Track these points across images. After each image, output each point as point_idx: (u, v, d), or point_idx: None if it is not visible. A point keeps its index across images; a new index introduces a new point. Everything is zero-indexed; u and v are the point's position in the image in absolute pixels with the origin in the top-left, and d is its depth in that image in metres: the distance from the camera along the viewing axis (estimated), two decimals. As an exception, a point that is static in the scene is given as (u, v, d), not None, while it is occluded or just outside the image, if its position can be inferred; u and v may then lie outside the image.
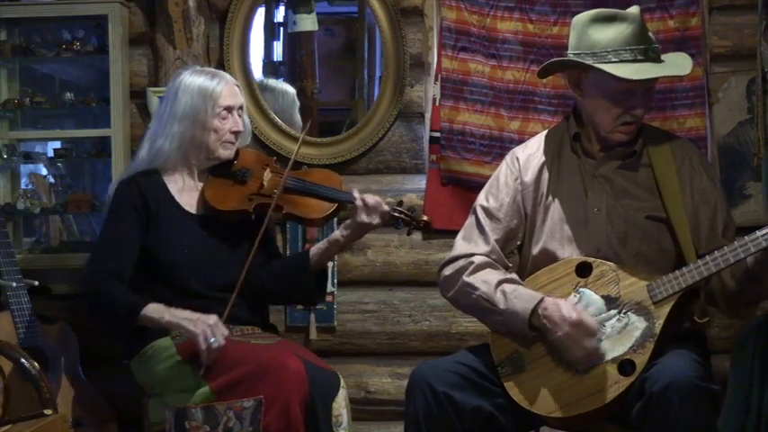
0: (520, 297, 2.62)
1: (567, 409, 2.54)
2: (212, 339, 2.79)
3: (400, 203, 3.08)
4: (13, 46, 3.81)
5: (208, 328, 2.81)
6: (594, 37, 2.64)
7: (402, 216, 3.03)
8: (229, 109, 3.05)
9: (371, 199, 3.00)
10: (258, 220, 3.06)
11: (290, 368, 2.76)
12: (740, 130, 3.53)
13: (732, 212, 2.86)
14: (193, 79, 3.05)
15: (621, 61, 2.61)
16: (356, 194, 3.02)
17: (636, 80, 2.60)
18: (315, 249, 3.11)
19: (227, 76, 3.14)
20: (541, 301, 2.58)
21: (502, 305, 2.63)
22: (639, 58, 2.62)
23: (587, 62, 2.63)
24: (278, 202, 3.05)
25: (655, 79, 2.67)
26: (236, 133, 3.07)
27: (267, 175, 3.10)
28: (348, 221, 3.03)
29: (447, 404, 2.56)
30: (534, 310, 2.58)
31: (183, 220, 3.04)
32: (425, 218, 3.08)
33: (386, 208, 3.00)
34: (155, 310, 2.88)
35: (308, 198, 3.07)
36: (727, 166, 3.52)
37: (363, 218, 2.99)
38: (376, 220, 3.00)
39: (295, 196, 3.07)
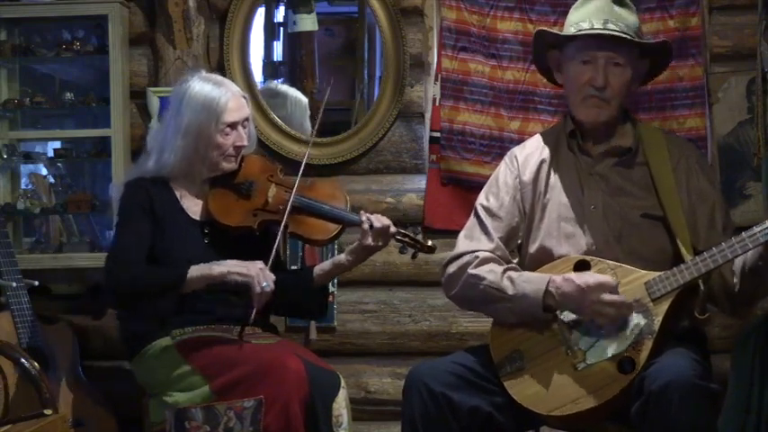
0: (528, 281, 2.62)
1: (567, 407, 2.54)
2: (265, 284, 2.84)
3: (405, 227, 3.08)
4: (13, 46, 3.81)
5: (260, 271, 2.85)
6: (569, 18, 2.73)
7: (407, 240, 3.04)
8: (233, 125, 3.03)
9: (378, 222, 2.99)
10: (262, 234, 3.05)
11: (291, 368, 2.76)
12: (740, 130, 3.53)
13: (732, 212, 2.86)
14: (199, 90, 3.01)
15: (579, 31, 2.67)
16: (363, 217, 3.01)
17: (594, 51, 2.64)
18: (318, 270, 3.12)
19: (233, 87, 3.09)
20: (551, 279, 2.59)
21: (510, 291, 2.63)
22: (597, 27, 2.65)
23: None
24: (283, 219, 3.04)
25: (617, 53, 2.66)
26: (239, 147, 3.06)
27: (272, 190, 3.07)
28: (354, 246, 3.03)
29: (444, 404, 2.56)
30: (547, 290, 2.58)
31: (188, 226, 3.04)
32: (430, 242, 3.07)
33: (393, 230, 3.01)
34: (198, 268, 2.88)
35: (313, 218, 3.05)
36: (727, 166, 3.52)
37: (369, 242, 2.99)
38: (381, 242, 3.01)
39: (301, 216, 3.06)
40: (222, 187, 3.07)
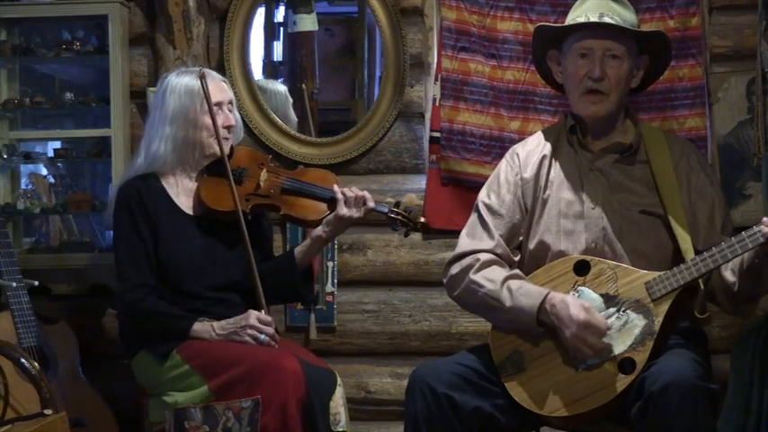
0: (526, 294, 2.62)
1: (569, 408, 2.54)
2: (261, 337, 2.89)
3: (397, 204, 3.09)
4: (13, 46, 3.80)
5: (251, 330, 2.89)
6: (567, 17, 2.76)
7: (399, 218, 3.05)
8: (219, 105, 3.05)
9: (351, 192, 3.02)
10: (255, 220, 3.07)
11: (288, 368, 2.77)
12: (740, 130, 3.53)
13: (732, 212, 2.86)
14: (179, 80, 3.06)
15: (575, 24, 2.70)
16: (336, 188, 3.03)
17: (590, 42, 2.66)
18: (299, 248, 3.14)
19: (213, 72, 3.15)
20: (547, 296, 2.58)
21: (508, 303, 2.63)
22: (592, 20, 2.67)
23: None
24: (275, 202, 3.07)
25: (613, 43, 2.68)
26: (229, 128, 3.08)
27: (264, 175, 3.10)
28: (329, 217, 3.05)
29: (447, 405, 2.56)
30: (541, 307, 2.58)
31: (182, 222, 3.05)
32: (423, 219, 3.10)
33: (371, 204, 3.03)
34: (201, 330, 2.93)
35: (304, 199, 3.08)
36: (727, 166, 3.52)
37: (344, 212, 3.01)
38: (356, 213, 3.02)
39: (292, 197, 3.08)
40: (214, 176, 3.08)
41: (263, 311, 2.94)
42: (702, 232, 2.65)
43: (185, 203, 3.07)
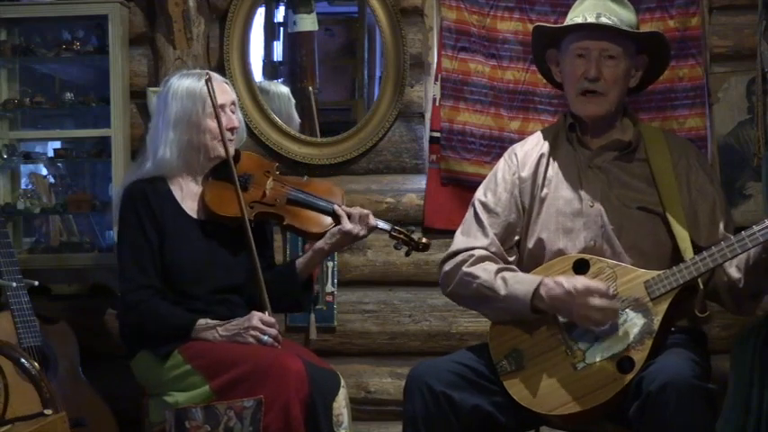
0: (520, 281, 2.63)
1: (567, 406, 2.54)
2: (264, 338, 2.89)
3: (399, 223, 3.11)
4: (13, 46, 3.81)
5: (254, 331, 2.89)
6: (567, 17, 2.76)
7: (401, 237, 3.08)
8: (222, 107, 3.05)
9: (356, 211, 3.05)
10: (258, 227, 3.06)
11: (291, 369, 2.77)
12: (740, 130, 3.53)
13: (732, 212, 2.86)
14: (181, 83, 3.05)
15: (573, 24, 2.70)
16: (336, 205, 3.06)
17: (587, 43, 2.66)
18: (301, 259, 3.16)
19: (215, 74, 3.14)
20: (541, 282, 2.58)
21: (503, 291, 2.63)
22: (589, 20, 2.67)
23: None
24: (280, 212, 3.08)
25: (609, 44, 2.68)
26: (232, 129, 3.08)
27: (270, 183, 3.10)
28: (333, 230, 3.06)
29: (445, 404, 2.56)
30: (536, 293, 2.58)
31: (187, 225, 3.05)
32: (425, 240, 3.12)
33: (372, 222, 3.07)
34: (204, 332, 2.92)
35: (308, 211, 3.09)
36: (727, 166, 3.52)
37: (349, 227, 3.04)
38: (362, 231, 3.05)
39: (297, 208, 3.09)
40: (219, 180, 3.08)
41: (266, 313, 2.94)
42: (704, 230, 2.65)
43: (190, 207, 3.07)
